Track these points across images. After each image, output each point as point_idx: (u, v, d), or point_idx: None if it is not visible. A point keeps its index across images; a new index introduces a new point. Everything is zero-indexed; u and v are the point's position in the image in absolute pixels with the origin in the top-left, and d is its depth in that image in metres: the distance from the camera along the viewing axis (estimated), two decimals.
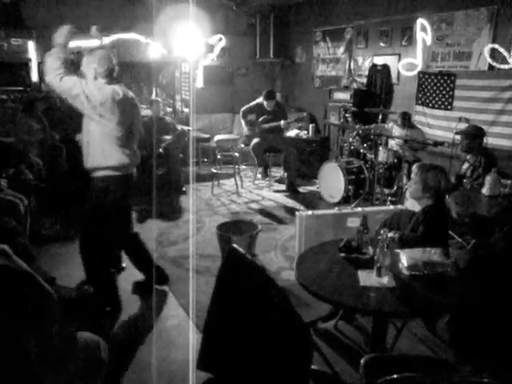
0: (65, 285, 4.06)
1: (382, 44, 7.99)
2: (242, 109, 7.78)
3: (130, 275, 4.47)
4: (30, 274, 1.81)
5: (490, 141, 5.97)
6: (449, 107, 6.91)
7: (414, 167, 3.59)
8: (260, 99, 7.75)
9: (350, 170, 6.75)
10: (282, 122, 7.56)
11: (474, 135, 5.37)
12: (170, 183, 7.36)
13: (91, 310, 3.86)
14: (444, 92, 6.96)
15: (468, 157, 5.49)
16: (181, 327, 3.75)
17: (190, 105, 9.37)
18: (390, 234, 3.30)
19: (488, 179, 4.65)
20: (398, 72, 7.75)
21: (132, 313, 3.95)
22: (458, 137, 5.67)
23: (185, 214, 6.50)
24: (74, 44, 7.86)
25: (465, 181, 5.30)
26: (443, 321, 3.55)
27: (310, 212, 4.93)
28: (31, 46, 7.68)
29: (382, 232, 2.77)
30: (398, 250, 2.99)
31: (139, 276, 4.33)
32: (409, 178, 6.22)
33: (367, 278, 2.73)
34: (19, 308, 1.70)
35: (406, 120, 6.85)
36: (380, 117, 6.96)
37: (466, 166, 5.48)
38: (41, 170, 5.77)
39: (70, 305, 3.74)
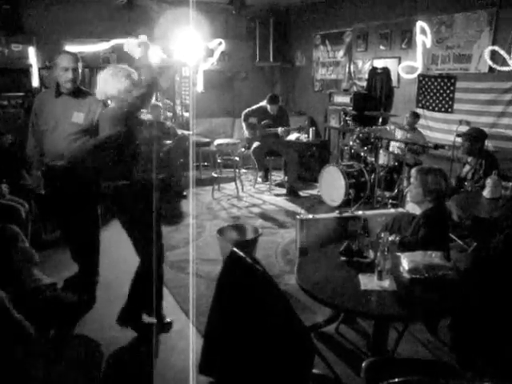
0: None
1: (381, 47, 8.00)
2: (245, 111, 7.77)
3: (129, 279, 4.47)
4: None
5: (490, 143, 5.98)
6: (449, 110, 6.91)
7: (413, 171, 3.58)
8: (263, 103, 7.74)
9: (350, 174, 6.74)
10: (279, 130, 7.55)
11: (476, 137, 5.37)
12: (171, 187, 7.36)
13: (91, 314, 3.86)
14: (444, 95, 6.96)
15: (469, 159, 5.50)
16: (182, 331, 3.74)
17: (190, 109, 9.38)
18: (391, 238, 3.30)
19: (489, 182, 4.65)
20: (398, 75, 7.75)
21: None
22: (459, 139, 5.68)
23: (185, 218, 6.50)
24: (74, 49, 7.94)
25: (466, 183, 5.30)
26: (445, 324, 3.55)
27: (310, 216, 4.93)
28: (32, 51, 7.68)
29: (382, 235, 2.77)
30: (399, 254, 2.99)
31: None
32: (409, 181, 6.23)
33: (368, 281, 2.72)
34: None
35: (414, 120, 6.83)
36: (380, 120, 6.96)
37: (466, 168, 5.48)
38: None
39: (70, 309, 3.73)
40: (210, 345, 2.73)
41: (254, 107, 7.82)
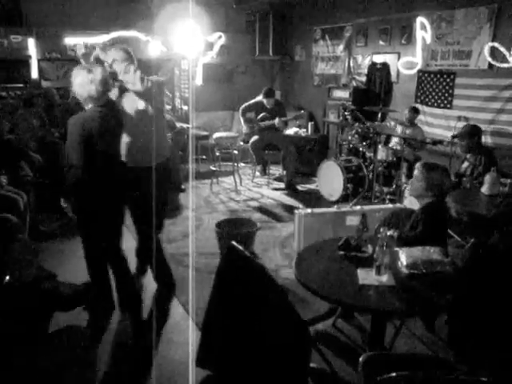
0: (64, 281, 4.05)
1: (381, 42, 7.99)
2: (242, 107, 7.76)
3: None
4: None
5: (489, 140, 5.99)
6: (448, 106, 6.91)
7: (418, 165, 3.56)
8: (260, 97, 7.74)
9: (348, 169, 6.75)
10: (277, 121, 7.53)
11: (471, 134, 5.40)
12: (169, 180, 7.35)
13: (90, 307, 3.86)
14: (443, 91, 6.96)
15: (468, 156, 5.51)
16: (180, 325, 3.75)
17: (189, 102, 9.37)
18: (390, 233, 3.31)
19: (487, 178, 4.65)
20: (398, 70, 7.75)
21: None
22: (456, 140, 5.70)
23: (184, 211, 6.50)
24: (73, 41, 7.94)
25: (464, 179, 5.31)
26: (441, 319, 3.56)
27: (308, 210, 4.93)
28: (31, 43, 7.67)
29: (381, 230, 2.77)
30: (397, 249, 2.99)
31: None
32: (408, 176, 6.24)
33: (366, 276, 2.73)
34: None
35: (414, 115, 6.86)
36: (379, 115, 6.96)
37: (465, 164, 5.49)
38: (40, 166, 5.77)
39: (69, 301, 3.73)
40: (207, 338, 2.74)
41: (251, 102, 7.80)
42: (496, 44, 6.13)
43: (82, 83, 3.37)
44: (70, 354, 2.24)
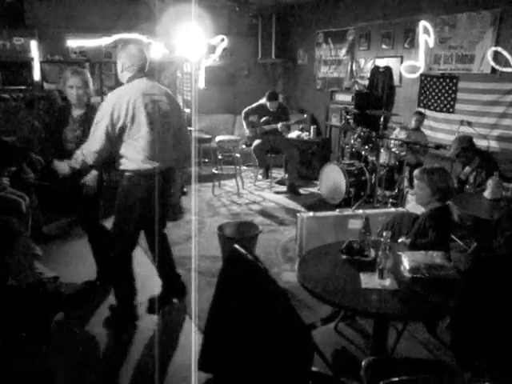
0: (66, 282, 4.06)
1: (384, 46, 7.99)
2: (245, 110, 7.76)
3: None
4: None
5: (491, 144, 5.98)
6: (451, 110, 6.91)
7: (417, 173, 3.53)
8: (263, 100, 7.73)
9: (351, 172, 6.74)
10: (279, 125, 7.52)
11: (464, 148, 5.40)
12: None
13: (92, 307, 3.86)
14: (446, 95, 6.95)
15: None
16: (182, 327, 3.74)
17: (191, 105, 9.36)
18: (402, 239, 3.32)
19: (490, 183, 4.65)
20: (400, 74, 7.75)
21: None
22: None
23: (186, 214, 6.50)
24: (76, 44, 7.94)
25: (467, 187, 5.31)
26: (444, 324, 3.55)
27: (311, 214, 4.93)
28: (33, 45, 7.68)
29: (384, 234, 2.76)
30: (400, 253, 2.98)
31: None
32: (410, 180, 6.23)
33: (369, 280, 2.72)
34: None
35: (422, 120, 6.89)
36: (382, 119, 6.95)
37: (467, 169, 5.48)
38: (42, 168, 5.77)
39: (71, 302, 3.74)
40: (209, 341, 2.73)
41: (254, 105, 7.80)
42: (499, 48, 6.13)
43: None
44: (70, 355, 2.24)
